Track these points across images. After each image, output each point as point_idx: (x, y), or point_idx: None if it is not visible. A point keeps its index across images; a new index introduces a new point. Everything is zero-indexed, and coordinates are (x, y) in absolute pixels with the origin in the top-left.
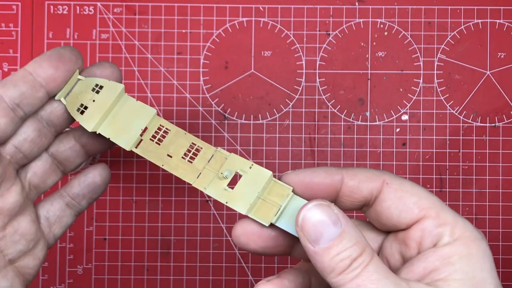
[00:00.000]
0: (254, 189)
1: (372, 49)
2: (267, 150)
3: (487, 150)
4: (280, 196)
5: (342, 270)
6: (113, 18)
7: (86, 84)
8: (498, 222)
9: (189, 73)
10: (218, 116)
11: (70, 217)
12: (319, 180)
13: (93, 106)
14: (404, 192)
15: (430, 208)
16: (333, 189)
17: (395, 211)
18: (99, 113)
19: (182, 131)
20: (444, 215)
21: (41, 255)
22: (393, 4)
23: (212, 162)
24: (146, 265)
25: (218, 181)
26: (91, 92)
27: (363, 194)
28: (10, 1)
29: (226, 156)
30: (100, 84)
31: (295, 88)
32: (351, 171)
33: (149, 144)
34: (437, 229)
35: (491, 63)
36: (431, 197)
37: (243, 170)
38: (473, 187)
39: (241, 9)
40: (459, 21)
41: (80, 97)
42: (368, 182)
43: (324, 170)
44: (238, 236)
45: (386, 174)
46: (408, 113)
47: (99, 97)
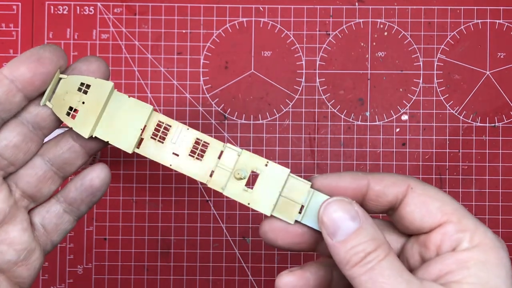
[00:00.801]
0: (275, 188)
1: (372, 49)
2: (267, 150)
3: (487, 150)
4: (300, 192)
5: (356, 262)
6: (113, 18)
7: (70, 83)
8: (498, 222)
9: (189, 73)
10: (218, 116)
11: (69, 223)
12: (345, 185)
13: (84, 108)
14: (428, 197)
15: (452, 214)
16: (359, 193)
17: (418, 215)
18: (92, 116)
19: (184, 126)
20: (466, 221)
21: (37, 264)
22: (393, 4)
23: (224, 160)
24: (146, 265)
25: (235, 181)
26: (77, 92)
27: (388, 198)
28: (10, 1)
29: (238, 153)
30: (86, 82)
31: (295, 88)
32: (378, 176)
33: (152, 143)
34: (457, 234)
35: (491, 63)
36: (454, 203)
37: (259, 169)
38: (473, 187)
39: (241, 9)
40: (459, 21)
41: (67, 98)
42: (393, 187)
43: (350, 175)
44: (266, 232)
45: (411, 179)
46: (408, 113)
47: (88, 98)
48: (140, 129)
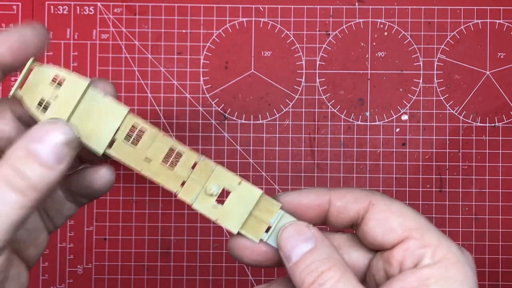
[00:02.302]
0: (245, 208)
1: (372, 49)
2: (267, 150)
3: (487, 150)
4: (270, 213)
5: (310, 283)
6: (113, 18)
7: (44, 74)
8: (498, 222)
9: (189, 73)
10: (218, 116)
11: (71, 210)
12: (307, 202)
13: (57, 103)
14: (389, 213)
15: (414, 229)
16: (321, 210)
17: (380, 231)
18: (65, 112)
19: (158, 132)
20: (429, 236)
21: (44, 244)
22: (393, 4)
23: (197, 171)
24: (146, 265)
25: (206, 196)
26: (51, 85)
27: (350, 215)
28: (10, 1)
29: (212, 167)
30: (60, 76)
31: (295, 88)
32: (340, 192)
33: (124, 145)
34: (419, 250)
35: (491, 63)
36: (418, 218)
37: (232, 186)
38: (473, 187)
39: (241, 9)
40: (459, 21)
41: (40, 90)
42: (355, 203)
43: (311, 192)
44: (232, 249)
45: (374, 195)
46: (408, 113)
47: (62, 93)
48: (114, 130)
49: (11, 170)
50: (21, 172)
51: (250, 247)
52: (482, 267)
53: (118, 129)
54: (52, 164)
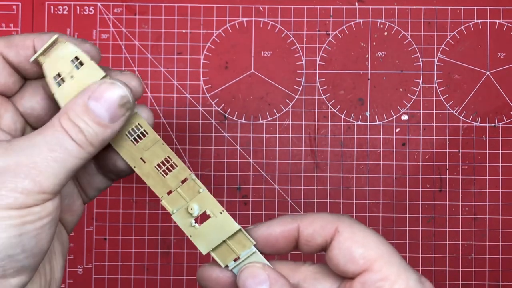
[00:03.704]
0: (220, 236)
1: (372, 49)
2: (267, 150)
3: (487, 150)
4: (242, 246)
5: None
6: (113, 18)
7: (66, 51)
8: (498, 222)
9: (189, 73)
10: (218, 116)
11: (102, 183)
12: (276, 234)
13: (71, 83)
14: (353, 241)
15: (375, 260)
16: (291, 238)
17: (342, 260)
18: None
19: (160, 140)
20: (388, 268)
21: (79, 211)
22: (393, 4)
23: (184, 187)
24: (146, 265)
25: (186, 213)
26: (70, 64)
27: (318, 241)
28: (10, 1)
29: (200, 189)
30: (80, 59)
31: (295, 88)
32: (308, 219)
33: (124, 139)
34: (377, 283)
35: (491, 63)
36: (381, 248)
37: (213, 212)
38: (473, 187)
39: (241, 9)
40: (459, 21)
41: (59, 64)
42: (322, 230)
43: (278, 222)
44: (199, 280)
45: (341, 221)
46: (408, 113)
47: (78, 75)
48: None
49: (69, 122)
50: (77, 126)
51: (215, 280)
52: (482, 267)
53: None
54: (107, 122)
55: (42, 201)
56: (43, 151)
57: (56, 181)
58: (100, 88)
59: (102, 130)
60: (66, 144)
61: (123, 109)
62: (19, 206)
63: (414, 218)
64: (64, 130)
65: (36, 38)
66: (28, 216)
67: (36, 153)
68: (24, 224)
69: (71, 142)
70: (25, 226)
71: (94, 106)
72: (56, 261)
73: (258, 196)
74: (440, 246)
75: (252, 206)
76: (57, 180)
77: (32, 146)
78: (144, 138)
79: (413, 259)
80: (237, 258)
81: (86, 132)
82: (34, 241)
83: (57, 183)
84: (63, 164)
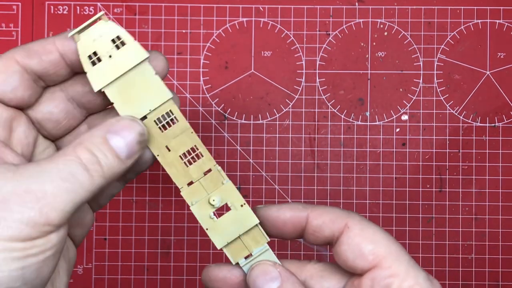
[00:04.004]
0: (237, 230)
1: (372, 49)
2: (267, 150)
3: (487, 150)
4: (256, 242)
5: None
6: (113, 18)
7: (108, 30)
8: (498, 222)
9: (189, 73)
10: (218, 116)
11: (115, 188)
12: (284, 218)
13: (108, 62)
14: (363, 238)
15: (384, 257)
16: (298, 226)
17: (351, 256)
18: (112, 74)
19: (189, 128)
20: (397, 266)
21: (89, 224)
22: (393, 4)
23: (208, 178)
24: (146, 265)
25: (206, 204)
26: (110, 42)
27: (325, 234)
28: (10, 1)
29: (223, 180)
30: (123, 38)
31: (295, 88)
32: (317, 210)
33: (152, 126)
34: (386, 279)
35: (491, 63)
36: (390, 245)
37: (234, 205)
38: (473, 187)
39: (241, 9)
40: (459, 21)
41: (97, 43)
42: (331, 224)
43: (290, 207)
44: (206, 281)
45: (351, 217)
46: (408, 113)
47: (117, 55)
48: (149, 109)
49: (86, 153)
50: (96, 157)
51: (223, 279)
52: (482, 267)
53: (156, 109)
54: (124, 157)
55: (47, 233)
56: (54, 179)
57: (63, 213)
58: (120, 123)
59: (118, 164)
60: (78, 175)
61: (139, 147)
62: (23, 238)
63: (414, 218)
64: (78, 160)
65: (57, 39)
66: (32, 249)
67: (46, 181)
68: (27, 257)
69: (84, 173)
70: (27, 259)
71: (113, 140)
72: (60, 280)
73: (258, 196)
74: (440, 246)
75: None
76: (64, 213)
77: (42, 173)
78: (173, 125)
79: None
80: (249, 255)
81: (103, 162)
82: (36, 274)
83: (63, 216)
84: (73, 196)
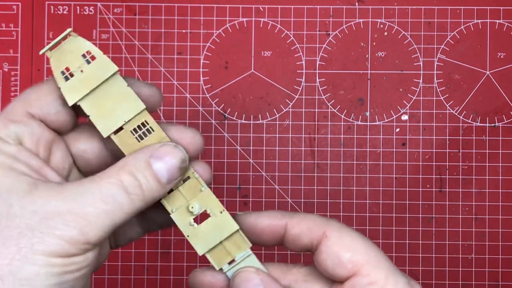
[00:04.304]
0: (218, 236)
1: (372, 49)
2: (267, 150)
3: (487, 150)
4: (238, 248)
5: None
6: (113, 18)
7: (77, 45)
8: (498, 222)
9: (189, 73)
10: (218, 116)
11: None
12: (263, 226)
13: (80, 77)
14: (341, 246)
15: (363, 265)
16: (277, 234)
17: (330, 264)
18: (85, 88)
19: (165, 137)
20: (376, 273)
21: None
22: (393, 4)
23: (186, 186)
24: (146, 265)
25: (186, 212)
26: (81, 58)
27: (304, 242)
28: (10, 1)
29: (202, 187)
30: (92, 53)
31: (295, 88)
32: (296, 219)
33: (129, 136)
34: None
35: (491, 63)
36: (369, 252)
37: (213, 212)
38: (473, 187)
39: (241, 9)
40: (459, 21)
41: (68, 58)
42: (308, 232)
43: (268, 216)
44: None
45: (329, 225)
46: (408, 113)
47: (89, 69)
48: (124, 121)
49: (129, 176)
50: (138, 180)
51: (207, 284)
52: (482, 267)
53: (131, 119)
54: (164, 182)
55: (85, 251)
56: (96, 201)
57: (101, 233)
58: (163, 149)
59: (159, 188)
60: (120, 197)
61: (180, 172)
62: (63, 254)
63: (414, 218)
64: (120, 183)
65: None
66: (70, 265)
67: (89, 202)
68: (65, 274)
69: (125, 196)
70: (65, 276)
71: (156, 164)
72: None
73: (258, 196)
74: (440, 246)
75: (252, 206)
76: (103, 233)
77: (85, 194)
78: (149, 135)
79: (413, 259)
80: (232, 261)
81: (144, 186)
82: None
83: (102, 235)
84: (112, 217)
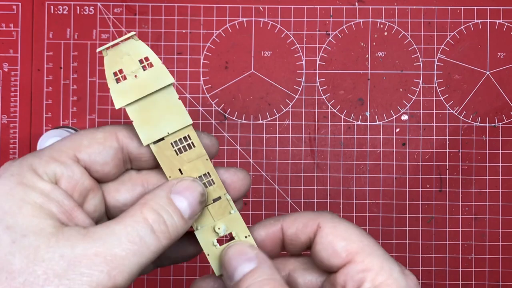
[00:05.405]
0: None
1: (372, 49)
2: (267, 150)
3: (487, 150)
4: None
5: None
6: (113, 18)
7: (136, 50)
8: (498, 222)
9: (189, 73)
10: (218, 116)
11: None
12: (260, 238)
13: (132, 82)
14: (335, 235)
15: (357, 253)
16: (276, 240)
17: (325, 255)
18: (136, 94)
19: (205, 155)
20: (370, 260)
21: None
22: (393, 4)
23: (215, 206)
24: None
25: (211, 231)
26: (137, 62)
27: (301, 240)
28: (10, 1)
29: (231, 210)
30: (150, 60)
31: (295, 88)
32: (290, 219)
33: (168, 148)
34: (360, 274)
35: (491, 63)
36: (363, 240)
37: (238, 236)
38: (473, 187)
39: (241, 9)
40: (459, 21)
41: (124, 61)
42: (304, 228)
43: (261, 226)
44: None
45: (323, 216)
46: (408, 113)
47: (143, 76)
48: (168, 132)
49: (152, 213)
50: (162, 217)
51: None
52: (482, 267)
53: (174, 132)
54: (187, 217)
55: None
56: (123, 242)
57: (129, 276)
58: (182, 184)
59: (182, 224)
60: (146, 236)
61: (200, 207)
62: None
63: (414, 218)
64: (146, 221)
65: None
66: None
67: (115, 244)
68: None
69: (151, 234)
70: None
71: (177, 200)
72: None
73: (258, 196)
74: (440, 246)
75: (252, 206)
76: (130, 276)
77: (111, 236)
78: (189, 150)
79: (413, 259)
80: None
81: (168, 223)
82: None
83: (129, 278)
84: (139, 258)
